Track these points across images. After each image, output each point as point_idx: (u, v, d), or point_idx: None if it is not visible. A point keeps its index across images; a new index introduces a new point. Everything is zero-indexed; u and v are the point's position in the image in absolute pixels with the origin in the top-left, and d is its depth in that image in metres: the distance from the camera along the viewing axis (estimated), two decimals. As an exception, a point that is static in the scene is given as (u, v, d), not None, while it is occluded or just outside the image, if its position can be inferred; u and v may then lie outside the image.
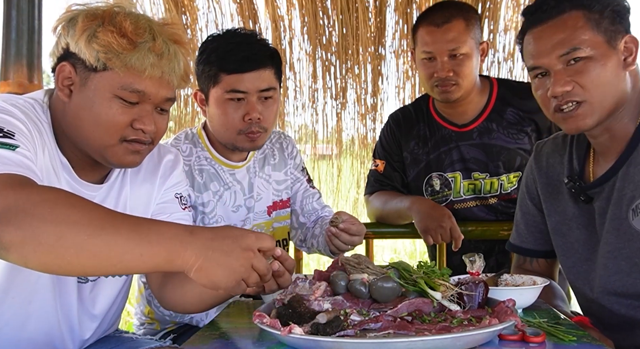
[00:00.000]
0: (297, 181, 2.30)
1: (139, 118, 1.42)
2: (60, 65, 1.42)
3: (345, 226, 1.82)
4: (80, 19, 1.38)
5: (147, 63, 1.38)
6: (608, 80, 1.51)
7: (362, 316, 1.20)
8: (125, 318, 4.35)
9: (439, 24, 2.30)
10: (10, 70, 2.48)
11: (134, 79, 1.38)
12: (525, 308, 1.51)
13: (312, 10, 3.78)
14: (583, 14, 1.52)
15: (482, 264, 1.43)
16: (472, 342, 1.12)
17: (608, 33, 1.51)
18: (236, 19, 3.87)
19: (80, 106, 1.41)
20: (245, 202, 2.14)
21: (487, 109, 2.45)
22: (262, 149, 2.21)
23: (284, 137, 2.31)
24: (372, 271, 1.29)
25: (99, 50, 1.36)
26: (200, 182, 2.06)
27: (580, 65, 1.51)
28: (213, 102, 1.99)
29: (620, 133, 1.57)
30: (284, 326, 1.14)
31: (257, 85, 1.95)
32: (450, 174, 2.47)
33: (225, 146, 2.06)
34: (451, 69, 2.30)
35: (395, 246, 6.56)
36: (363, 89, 3.95)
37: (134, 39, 1.37)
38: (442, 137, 2.49)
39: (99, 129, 1.40)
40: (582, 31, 1.51)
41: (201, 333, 1.34)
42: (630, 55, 1.53)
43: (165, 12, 3.73)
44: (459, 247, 2.27)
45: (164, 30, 1.44)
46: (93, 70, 1.38)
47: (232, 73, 1.93)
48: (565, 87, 1.51)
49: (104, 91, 1.38)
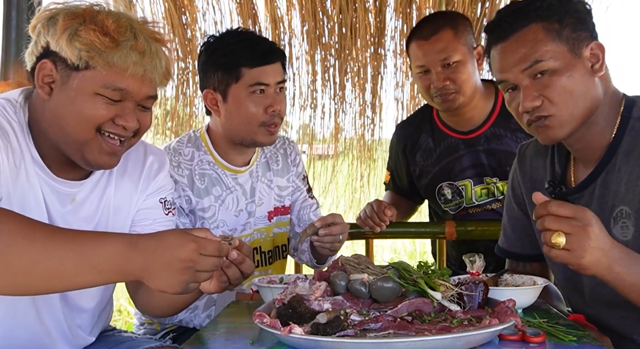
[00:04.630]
0: (297, 189, 2.30)
1: (121, 115, 1.42)
2: (40, 63, 1.41)
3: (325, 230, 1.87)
4: (61, 17, 1.38)
5: (129, 61, 1.38)
6: (576, 90, 1.49)
7: (362, 316, 1.20)
8: (125, 318, 4.35)
9: (427, 37, 2.32)
10: (10, 70, 2.48)
11: (116, 77, 1.38)
12: (525, 308, 1.51)
13: (312, 10, 3.77)
14: (542, 26, 1.51)
15: (482, 264, 1.43)
16: (472, 342, 1.12)
17: (570, 41, 1.50)
18: (236, 19, 3.87)
19: (61, 104, 1.40)
20: (247, 206, 2.14)
21: (493, 114, 2.44)
22: (264, 153, 2.22)
23: (289, 143, 2.32)
24: (372, 271, 1.29)
25: (82, 49, 1.36)
26: (200, 188, 2.06)
27: (547, 79, 1.50)
28: (234, 98, 2.01)
29: (596, 139, 1.55)
30: (284, 326, 1.14)
31: (276, 77, 2.02)
32: (460, 183, 2.46)
33: (241, 143, 2.07)
34: (447, 78, 2.30)
35: (395, 246, 6.56)
36: (362, 89, 3.95)
37: (116, 38, 1.37)
38: (449, 146, 2.49)
39: (79, 125, 1.40)
40: (542, 43, 1.50)
41: (201, 333, 1.34)
42: (598, 62, 1.51)
43: (165, 12, 3.73)
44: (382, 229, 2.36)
45: (145, 28, 1.44)
46: (75, 68, 1.38)
47: (255, 67, 1.98)
48: (534, 102, 1.50)
49: (86, 89, 1.38)
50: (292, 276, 1.67)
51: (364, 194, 4.19)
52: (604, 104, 1.54)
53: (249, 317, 1.27)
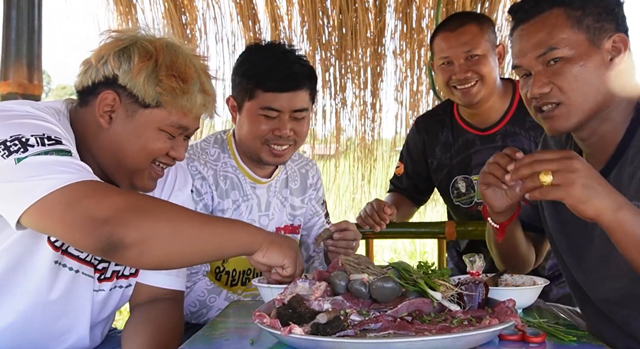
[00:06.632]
0: (316, 215, 2.30)
1: (175, 148, 1.52)
2: (103, 93, 1.45)
3: (339, 235, 1.91)
4: (136, 55, 1.43)
5: (198, 103, 1.49)
6: (588, 81, 1.46)
7: (362, 316, 1.20)
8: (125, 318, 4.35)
9: (453, 29, 2.38)
10: (10, 70, 2.48)
11: (180, 116, 1.48)
12: (525, 308, 1.51)
13: (312, 10, 3.78)
14: (564, 11, 1.48)
15: (482, 264, 1.43)
16: (472, 342, 1.12)
17: (591, 31, 1.47)
18: (236, 19, 3.88)
19: (123, 136, 1.47)
20: (260, 218, 2.14)
21: (509, 112, 2.47)
22: (285, 169, 2.22)
23: (311, 166, 2.32)
24: (372, 271, 1.29)
25: (161, 93, 1.43)
26: (223, 189, 2.07)
27: (559, 67, 1.47)
28: (245, 112, 2.01)
29: (610, 135, 1.52)
30: (284, 326, 1.14)
31: (292, 105, 1.96)
32: (475, 177, 2.49)
33: (250, 157, 2.07)
34: (469, 70, 2.34)
35: (395, 246, 6.56)
36: (362, 89, 3.95)
37: (188, 82, 1.46)
38: (466, 142, 2.53)
39: (139, 156, 1.49)
40: (560, 30, 1.47)
41: (201, 333, 1.34)
42: (618, 55, 1.48)
43: (165, 12, 3.73)
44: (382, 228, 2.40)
45: (202, 65, 1.52)
46: (144, 106, 1.45)
47: (269, 91, 1.95)
48: (542, 89, 1.49)
49: (153, 125, 1.47)
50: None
51: (364, 194, 4.19)
52: (620, 100, 1.50)
53: (249, 317, 1.27)
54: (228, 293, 1.98)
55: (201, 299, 1.94)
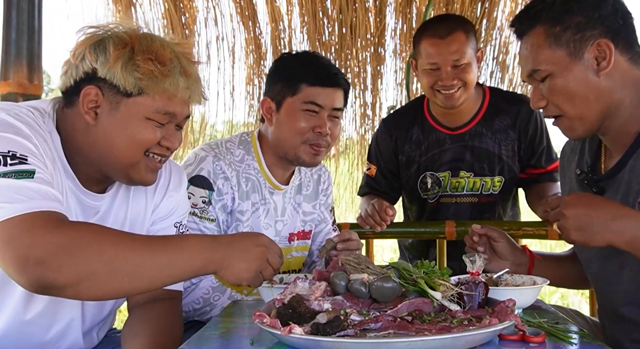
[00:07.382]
0: (324, 221, 2.32)
1: (166, 137, 1.48)
2: (85, 89, 1.42)
3: (342, 245, 1.93)
4: (111, 45, 1.40)
5: (180, 86, 1.44)
6: (576, 92, 1.51)
7: (362, 316, 1.20)
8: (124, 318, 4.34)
9: (442, 36, 2.42)
10: (10, 70, 2.48)
11: (166, 102, 1.44)
12: (525, 308, 1.51)
13: (312, 10, 3.78)
14: (544, 30, 1.53)
15: (482, 264, 1.43)
16: (472, 342, 1.12)
17: (571, 44, 1.50)
18: (236, 19, 3.88)
19: (110, 129, 1.44)
20: (275, 224, 2.15)
21: (478, 115, 2.59)
22: (300, 176, 2.24)
23: (323, 172, 2.34)
24: (372, 271, 1.29)
25: (141, 78, 1.40)
26: (244, 190, 2.07)
27: (548, 84, 1.54)
28: (286, 109, 2.03)
29: (625, 127, 1.54)
30: (284, 326, 1.14)
31: (333, 102, 2.03)
32: (441, 174, 2.61)
33: (285, 157, 2.08)
34: (455, 77, 2.42)
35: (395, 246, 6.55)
36: (362, 89, 3.95)
37: (167, 65, 1.42)
38: (436, 140, 2.63)
39: (130, 148, 1.45)
40: (540, 50, 1.53)
41: (201, 333, 1.34)
42: (605, 59, 1.49)
43: (164, 12, 3.73)
44: None
45: (182, 50, 1.48)
46: (126, 95, 1.42)
47: (314, 85, 2.00)
48: (538, 103, 1.57)
49: (138, 114, 1.43)
50: (292, 276, 1.67)
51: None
52: (625, 95, 1.52)
53: (249, 317, 1.27)
54: (232, 292, 1.98)
55: (205, 297, 1.94)
